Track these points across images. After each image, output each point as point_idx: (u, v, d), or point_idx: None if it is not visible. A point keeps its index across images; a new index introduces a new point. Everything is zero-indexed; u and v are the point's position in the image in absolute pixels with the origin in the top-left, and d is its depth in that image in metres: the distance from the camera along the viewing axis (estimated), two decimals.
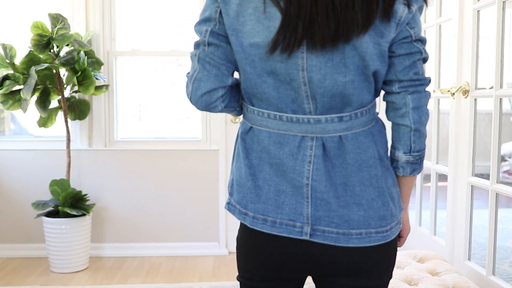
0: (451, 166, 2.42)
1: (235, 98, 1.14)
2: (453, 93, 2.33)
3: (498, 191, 2.08)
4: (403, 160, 1.12)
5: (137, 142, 3.68)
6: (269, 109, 1.08)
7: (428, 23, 2.73)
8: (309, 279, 1.24)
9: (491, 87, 2.09)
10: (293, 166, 1.06)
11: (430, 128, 2.72)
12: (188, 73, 1.11)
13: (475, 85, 2.24)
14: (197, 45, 1.09)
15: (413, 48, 1.07)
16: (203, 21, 1.08)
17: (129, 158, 3.60)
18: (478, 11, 2.22)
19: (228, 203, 1.17)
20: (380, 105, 3.10)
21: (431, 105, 2.69)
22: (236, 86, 1.14)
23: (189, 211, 3.64)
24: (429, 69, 2.76)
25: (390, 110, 1.14)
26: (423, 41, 1.09)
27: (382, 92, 1.16)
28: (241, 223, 1.16)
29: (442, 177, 2.62)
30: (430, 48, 2.72)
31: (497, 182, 2.08)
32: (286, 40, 0.98)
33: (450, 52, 2.41)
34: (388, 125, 1.18)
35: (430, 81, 1.12)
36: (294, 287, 1.18)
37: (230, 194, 1.17)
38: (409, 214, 1.23)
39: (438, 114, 2.67)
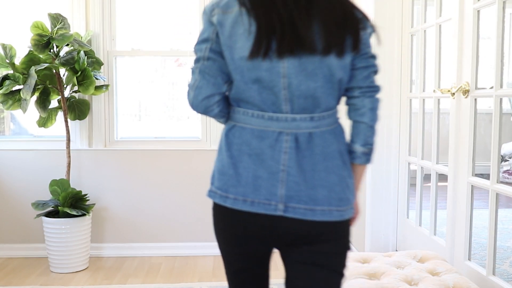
0: (451, 166, 2.42)
1: (226, 106, 1.38)
2: (453, 93, 2.33)
3: (498, 191, 2.08)
4: (360, 151, 1.40)
5: (137, 142, 3.68)
6: (253, 109, 1.32)
7: (428, 23, 2.73)
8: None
9: (491, 87, 2.09)
10: (271, 155, 1.30)
11: (430, 128, 2.72)
12: (189, 83, 1.35)
13: (475, 85, 2.24)
14: (197, 60, 1.34)
15: (369, 63, 1.41)
16: (202, 41, 1.33)
17: (129, 158, 3.60)
18: (478, 11, 2.22)
19: (209, 191, 1.38)
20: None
21: (431, 105, 2.70)
22: (226, 96, 1.39)
23: (189, 211, 3.64)
24: (429, 69, 2.76)
25: (351, 111, 1.41)
26: (375, 57, 1.42)
27: (343, 99, 1.42)
28: (216, 208, 1.37)
29: (442, 177, 2.62)
30: (430, 48, 2.72)
31: (497, 182, 2.08)
32: (260, 52, 1.25)
33: (450, 52, 2.41)
34: (347, 126, 1.44)
35: (380, 89, 1.42)
36: (265, 257, 1.42)
37: (212, 183, 1.38)
38: (409, 214, 1.70)
39: (438, 114, 2.67)
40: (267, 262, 1.45)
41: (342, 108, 1.42)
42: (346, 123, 1.43)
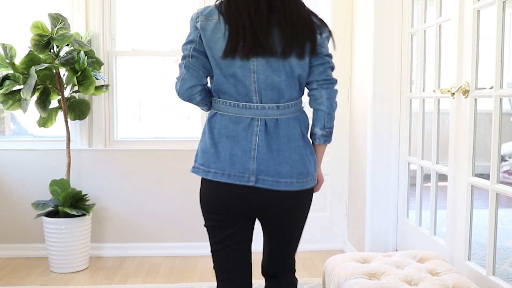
0: (451, 166, 2.42)
1: (207, 96, 1.68)
2: (453, 93, 2.33)
3: (498, 191, 2.08)
4: (319, 134, 1.70)
5: (137, 142, 3.68)
6: (230, 99, 1.63)
7: (428, 23, 2.73)
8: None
9: (491, 87, 2.09)
10: (245, 137, 1.60)
11: (430, 128, 2.72)
12: (177, 76, 1.65)
13: (475, 85, 2.24)
14: (183, 57, 1.64)
15: (324, 60, 1.65)
16: (188, 42, 1.64)
17: (129, 158, 3.60)
18: (478, 11, 2.22)
19: (193, 167, 1.67)
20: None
21: (431, 105, 2.70)
22: (208, 88, 1.69)
23: (189, 211, 3.64)
24: (429, 69, 2.76)
25: (311, 100, 1.70)
26: (330, 56, 1.67)
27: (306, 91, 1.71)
28: (202, 181, 1.67)
29: (442, 177, 2.62)
30: (430, 48, 2.72)
31: (497, 182, 2.08)
32: (230, 52, 1.55)
33: (450, 52, 2.41)
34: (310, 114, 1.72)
35: (337, 81, 1.69)
36: (245, 225, 1.69)
37: (195, 161, 1.67)
38: (409, 214, 1.98)
39: (438, 114, 2.67)
40: (246, 236, 1.71)
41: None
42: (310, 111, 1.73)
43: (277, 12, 1.56)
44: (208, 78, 1.68)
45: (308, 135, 1.71)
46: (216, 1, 1.64)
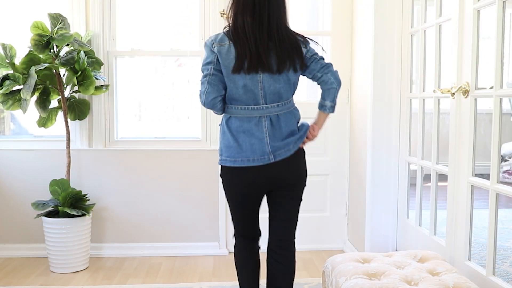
0: (451, 166, 2.42)
1: (224, 103, 2.16)
2: (453, 93, 2.33)
3: (498, 191, 2.08)
4: (328, 105, 2.18)
5: (137, 142, 3.68)
6: (241, 105, 2.12)
7: (428, 23, 2.73)
8: None
9: (491, 87, 2.09)
10: (257, 130, 2.11)
11: (430, 128, 2.72)
12: (201, 90, 2.11)
13: (475, 85, 2.24)
14: (205, 75, 2.10)
15: (315, 58, 2.15)
16: (208, 63, 2.10)
17: (129, 158, 3.60)
18: (478, 11, 2.22)
19: (221, 160, 2.16)
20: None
21: (431, 105, 2.70)
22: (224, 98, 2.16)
23: (189, 211, 3.64)
24: (429, 69, 2.76)
25: (322, 85, 2.17)
26: (317, 53, 2.16)
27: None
28: (226, 169, 2.16)
29: (442, 177, 2.62)
30: (430, 48, 2.72)
31: (497, 182, 2.08)
32: (238, 70, 2.05)
33: (450, 52, 2.41)
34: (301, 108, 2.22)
35: (331, 63, 2.15)
36: (260, 197, 2.22)
37: (221, 155, 2.16)
38: (409, 214, 2.43)
39: (438, 114, 2.67)
40: (260, 202, 2.24)
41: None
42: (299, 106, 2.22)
43: (274, 40, 2.06)
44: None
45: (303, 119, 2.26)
46: (224, 28, 2.12)
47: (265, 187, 2.17)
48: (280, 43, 2.07)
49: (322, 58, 2.15)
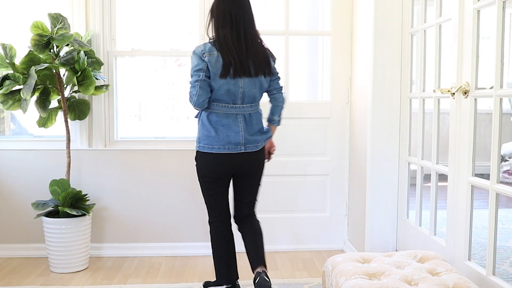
0: (451, 166, 2.42)
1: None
2: (453, 93, 2.33)
3: (498, 191, 2.08)
4: (277, 119, 2.81)
5: (137, 142, 3.68)
6: (222, 103, 2.59)
7: (428, 23, 2.73)
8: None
9: (491, 87, 2.09)
10: (234, 125, 2.60)
11: (430, 128, 2.72)
12: (192, 92, 2.55)
13: (475, 85, 2.24)
14: (196, 80, 2.53)
15: (276, 76, 2.73)
16: (198, 70, 2.53)
17: (129, 158, 3.60)
18: (478, 11, 2.22)
19: (199, 147, 2.64)
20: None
21: (431, 105, 2.70)
22: None
23: (189, 211, 3.64)
24: (429, 69, 2.76)
25: (273, 100, 2.78)
26: (277, 72, 2.74)
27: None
28: (203, 156, 2.63)
29: (442, 177, 2.62)
30: (430, 48, 2.72)
31: (497, 182, 2.08)
32: (224, 75, 2.53)
33: (450, 52, 2.41)
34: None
35: (282, 88, 2.78)
36: (229, 180, 2.74)
37: (199, 142, 2.63)
38: (409, 214, 2.62)
39: (438, 114, 2.67)
40: (228, 185, 2.73)
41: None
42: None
43: (250, 50, 2.56)
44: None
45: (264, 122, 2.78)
46: (210, 40, 2.59)
47: (232, 171, 2.67)
48: (254, 50, 2.57)
49: (280, 78, 2.74)
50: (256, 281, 2.52)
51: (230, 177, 2.71)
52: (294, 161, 3.72)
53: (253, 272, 2.61)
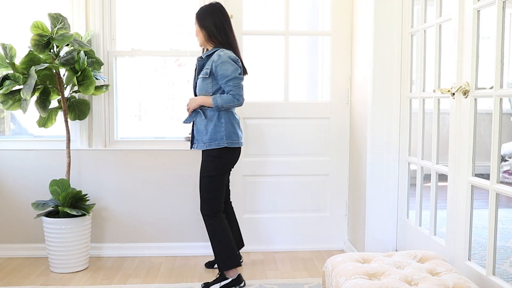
0: (451, 166, 2.43)
1: None
2: (453, 93, 2.33)
3: (498, 191, 2.08)
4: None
5: (137, 142, 3.68)
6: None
7: (428, 23, 2.73)
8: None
9: (491, 87, 2.09)
10: (239, 122, 3.02)
11: (430, 128, 2.72)
12: (240, 93, 2.89)
13: (475, 85, 2.24)
14: (241, 80, 2.92)
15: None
16: (240, 73, 2.93)
17: (129, 158, 3.60)
18: (478, 11, 2.22)
19: (227, 142, 2.92)
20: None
21: (431, 105, 2.70)
22: None
23: (189, 211, 3.64)
24: (429, 69, 2.76)
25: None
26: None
27: None
28: (231, 149, 2.96)
29: (442, 177, 2.62)
30: (430, 48, 2.72)
31: (497, 182, 2.08)
32: (244, 74, 3.11)
33: (450, 52, 2.41)
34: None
35: None
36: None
37: (226, 138, 2.92)
38: (409, 214, 2.53)
39: (438, 114, 2.67)
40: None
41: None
42: None
43: (238, 50, 3.02)
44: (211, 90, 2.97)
45: None
46: (226, 49, 2.93)
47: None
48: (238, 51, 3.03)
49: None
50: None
51: None
52: (294, 161, 3.72)
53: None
